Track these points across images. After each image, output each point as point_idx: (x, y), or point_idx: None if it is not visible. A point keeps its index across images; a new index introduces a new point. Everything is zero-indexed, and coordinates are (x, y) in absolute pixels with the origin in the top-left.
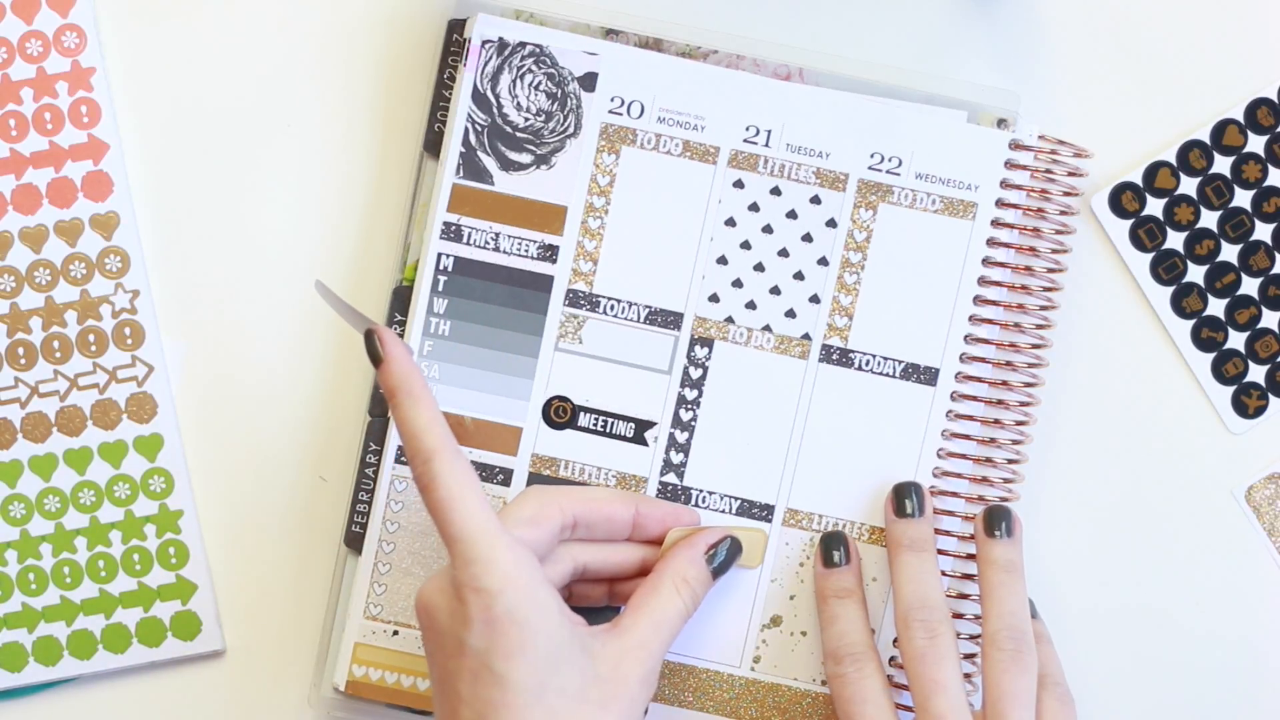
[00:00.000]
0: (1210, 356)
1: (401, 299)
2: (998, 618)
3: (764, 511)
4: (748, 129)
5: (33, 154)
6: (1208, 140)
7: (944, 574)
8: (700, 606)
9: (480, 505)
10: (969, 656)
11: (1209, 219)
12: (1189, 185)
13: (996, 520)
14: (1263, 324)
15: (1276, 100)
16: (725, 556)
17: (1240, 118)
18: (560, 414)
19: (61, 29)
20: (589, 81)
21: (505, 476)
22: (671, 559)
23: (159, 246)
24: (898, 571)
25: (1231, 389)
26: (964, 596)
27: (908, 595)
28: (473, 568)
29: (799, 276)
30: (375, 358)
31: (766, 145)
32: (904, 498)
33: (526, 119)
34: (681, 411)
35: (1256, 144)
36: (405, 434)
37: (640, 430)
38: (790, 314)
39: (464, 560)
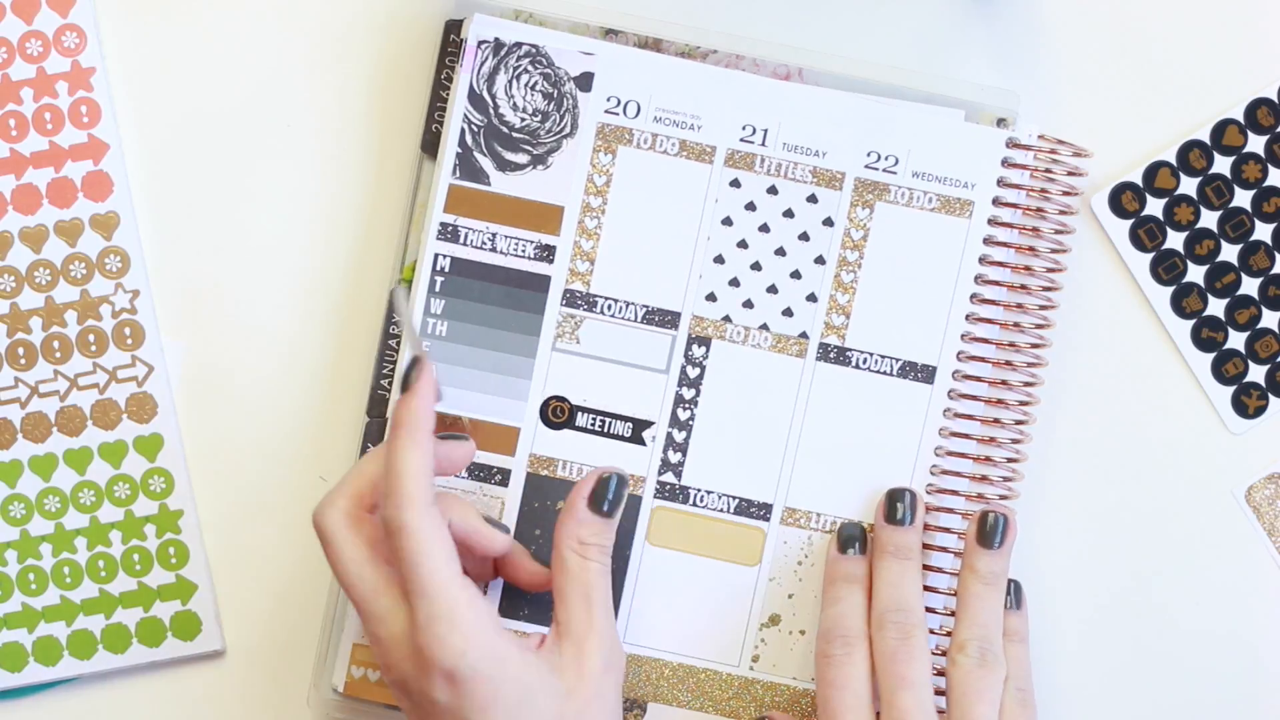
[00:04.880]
0: (1210, 356)
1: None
2: (968, 627)
3: (762, 510)
4: (744, 128)
5: (33, 154)
6: (1208, 140)
7: (941, 572)
8: (698, 605)
9: (447, 560)
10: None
11: (1209, 219)
12: (1189, 185)
13: (991, 530)
14: (1263, 324)
15: (1276, 100)
16: (613, 493)
17: (1240, 118)
18: (558, 414)
19: (61, 29)
20: (585, 81)
21: (503, 477)
22: (559, 530)
23: (159, 246)
24: (879, 576)
25: (1231, 389)
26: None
27: (885, 598)
28: (437, 626)
29: (796, 275)
30: (405, 385)
31: (763, 144)
32: (896, 502)
33: (523, 119)
34: (679, 411)
35: (1256, 144)
36: (390, 470)
37: (638, 430)
38: (787, 313)
39: (428, 617)
